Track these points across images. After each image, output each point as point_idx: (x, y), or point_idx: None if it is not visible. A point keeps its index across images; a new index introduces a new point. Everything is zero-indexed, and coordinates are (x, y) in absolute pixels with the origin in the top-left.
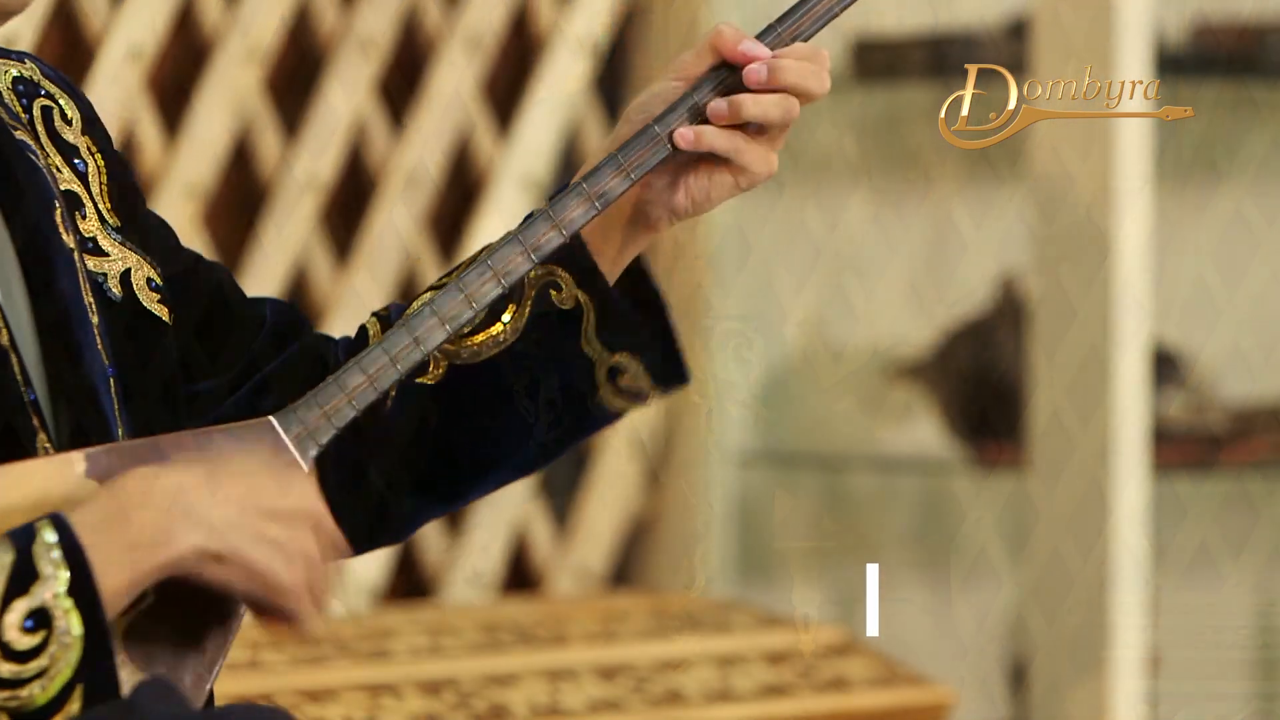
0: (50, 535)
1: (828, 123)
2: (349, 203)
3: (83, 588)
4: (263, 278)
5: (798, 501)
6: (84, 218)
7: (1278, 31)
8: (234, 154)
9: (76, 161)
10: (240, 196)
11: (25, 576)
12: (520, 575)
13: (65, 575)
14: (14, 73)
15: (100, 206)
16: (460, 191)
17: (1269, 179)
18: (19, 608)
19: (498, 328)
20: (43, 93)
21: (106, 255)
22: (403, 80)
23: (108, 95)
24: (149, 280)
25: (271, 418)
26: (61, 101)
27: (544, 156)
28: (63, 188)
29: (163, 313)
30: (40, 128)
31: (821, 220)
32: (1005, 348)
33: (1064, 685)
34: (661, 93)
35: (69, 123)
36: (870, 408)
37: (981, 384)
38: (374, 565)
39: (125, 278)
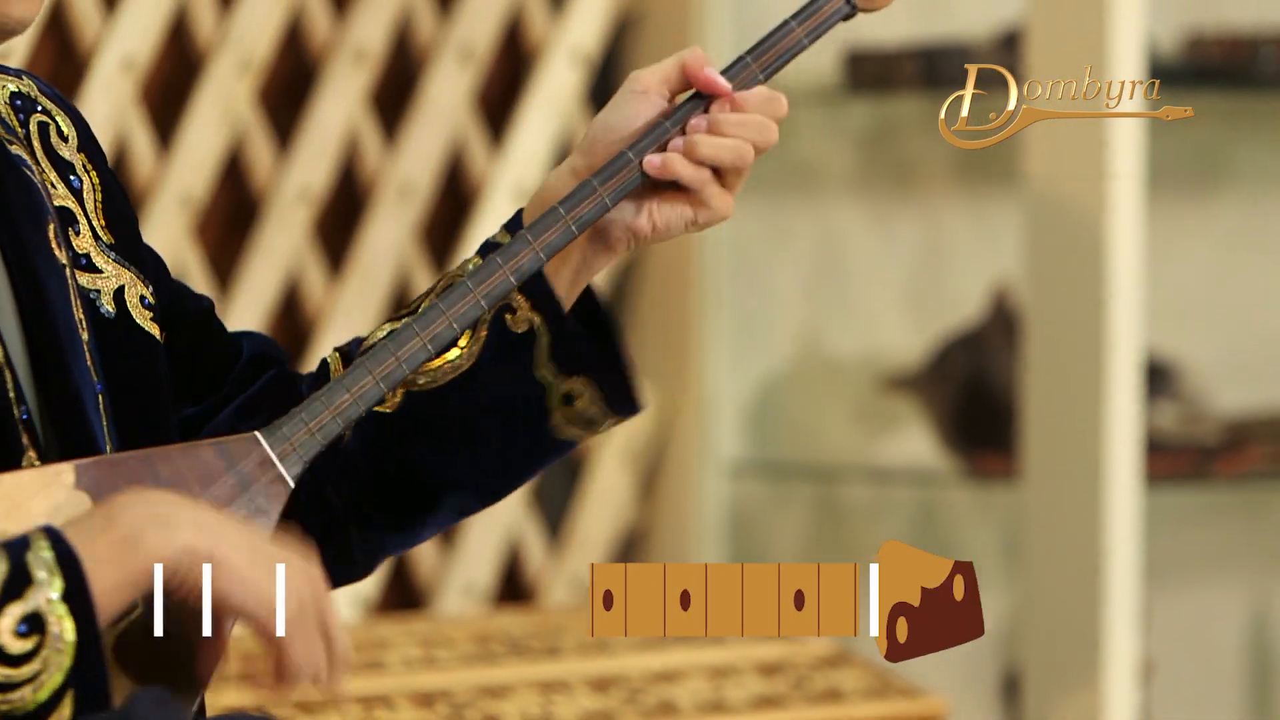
0: (44, 542)
1: (820, 133)
2: (342, 214)
3: (77, 593)
4: (255, 289)
5: (791, 512)
6: (77, 234)
7: (1270, 42)
8: (227, 165)
9: (71, 178)
10: (233, 208)
11: (19, 581)
12: (513, 586)
13: (59, 581)
14: (12, 88)
15: (95, 223)
16: (453, 203)
17: (1263, 189)
18: (13, 612)
19: (454, 353)
20: (39, 109)
21: (100, 272)
22: (395, 91)
23: (100, 106)
24: (142, 298)
25: (257, 433)
26: (58, 119)
27: (537, 167)
28: (57, 204)
29: (155, 330)
30: (36, 143)
31: (814, 230)
32: (998, 358)
33: (1057, 696)
34: (623, 108)
35: (65, 140)
36: (863, 418)
37: (975, 395)
38: (368, 577)
39: (119, 294)
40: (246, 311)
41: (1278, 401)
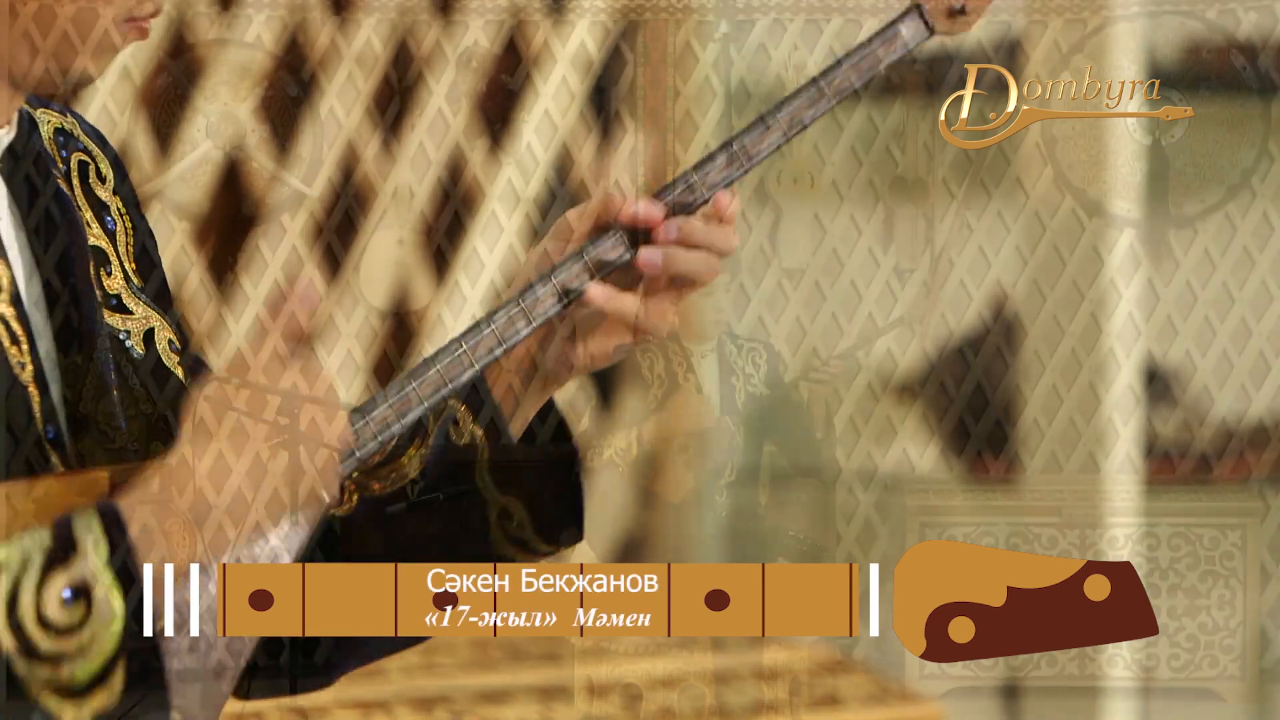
0: (91, 511)
1: (818, 140)
2: (340, 221)
3: (123, 561)
4: (253, 296)
5: (790, 520)
6: (109, 275)
7: (1269, 50)
8: (225, 173)
9: (106, 219)
10: (231, 215)
11: (65, 550)
12: None
13: (105, 549)
14: (55, 124)
15: (126, 266)
16: (451, 210)
17: (1260, 197)
18: (58, 581)
19: (403, 461)
20: (80, 147)
21: (131, 314)
22: (395, 98)
23: (100, 113)
24: (170, 342)
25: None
26: (98, 160)
27: (536, 175)
28: (91, 243)
29: (181, 373)
30: (75, 181)
31: (811, 238)
32: (997, 365)
33: (1056, 704)
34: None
35: (102, 180)
36: (863, 425)
37: (974, 402)
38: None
39: (149, 336)
40: (245, 319)
41: (1277, 409)
